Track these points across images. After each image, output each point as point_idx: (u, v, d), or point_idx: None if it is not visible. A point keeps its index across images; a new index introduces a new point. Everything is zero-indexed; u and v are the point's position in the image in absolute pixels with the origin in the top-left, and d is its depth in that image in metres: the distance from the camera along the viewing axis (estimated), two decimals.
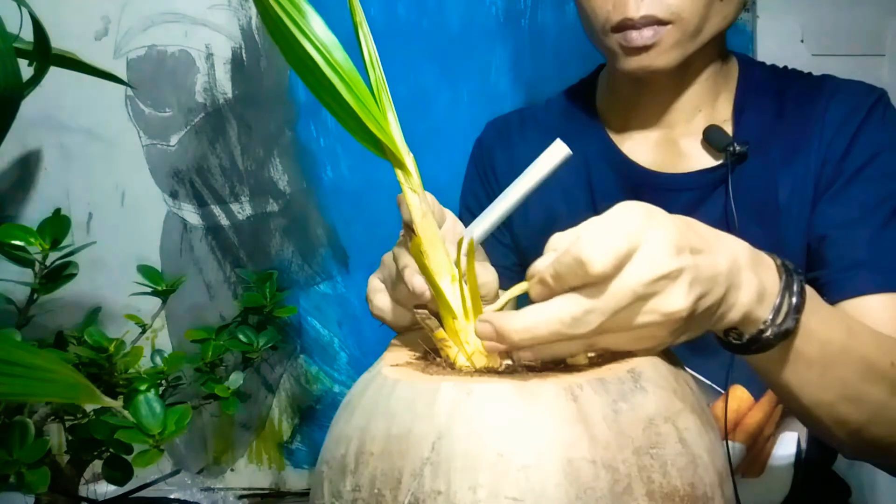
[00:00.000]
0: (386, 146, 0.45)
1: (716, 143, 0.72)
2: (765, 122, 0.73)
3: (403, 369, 0.43)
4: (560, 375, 0.40)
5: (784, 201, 0.70)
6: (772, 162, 0.71)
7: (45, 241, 0.78)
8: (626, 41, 0.66)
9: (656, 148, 0.76)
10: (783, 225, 0.70)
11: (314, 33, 0.42)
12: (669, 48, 0.66)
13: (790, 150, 0.71)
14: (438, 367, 0.44)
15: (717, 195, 0.72)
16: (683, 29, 0.65)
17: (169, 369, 0.80)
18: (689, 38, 0.66)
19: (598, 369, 0.41)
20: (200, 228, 1.09)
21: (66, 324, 0.87)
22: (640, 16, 0.64)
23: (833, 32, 1.05)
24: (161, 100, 1.07)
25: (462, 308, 0.44)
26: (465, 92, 1.07)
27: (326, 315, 1.11)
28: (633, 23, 0.65)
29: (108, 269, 1.07)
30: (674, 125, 0.75)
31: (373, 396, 0.41)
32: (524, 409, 0.37)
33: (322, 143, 1.08)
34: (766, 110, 0.73)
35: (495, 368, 0.44)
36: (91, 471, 0.78)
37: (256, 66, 1.07)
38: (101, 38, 1.05)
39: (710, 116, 0.74)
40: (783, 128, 0.72)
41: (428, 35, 1.06)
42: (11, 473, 0.62)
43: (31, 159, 1.07)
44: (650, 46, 0.65)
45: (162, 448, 0.66)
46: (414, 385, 0.40)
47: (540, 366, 0.43)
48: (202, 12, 1.05)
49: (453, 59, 1.06)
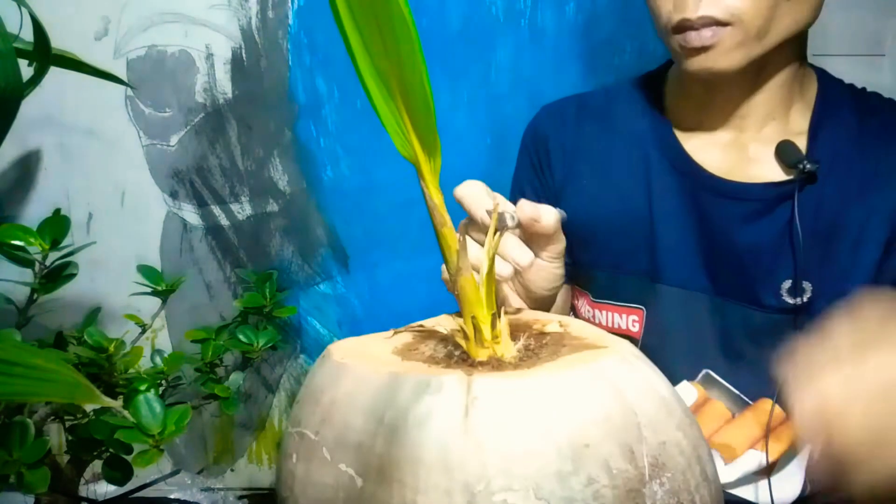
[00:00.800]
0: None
1: (787, 157, 0.70)
2: (842, 145, 0.70)
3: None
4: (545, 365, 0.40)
5: (854, 231, 0.68)
6: (845, 188, 0.69)
7: (45, 241, 0.78)
8: (685, 42, 0.65)
9: (724, 152, 0.74)
10: (849, 255, 0.68)
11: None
12: (730, 49, 0.64)
13: (866, 182, 0.69)
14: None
15: (781, 210, 0.69)
16: (745, 30, 0.64)
17: (169, 369, 0.80)
18: (752, 40, 0.64)
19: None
20: (200, 228, 1.09)
21: (66, 324, 0.87)
22: (698, 16, 0.63)
23: (833, 32, 1.05)
24: (161, 100, 1.07)
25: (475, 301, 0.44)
26: (465, 92, 1.07)
27: (326, 315, 1.11)
28: (691, 23, 0.64)
29: (108, 269, 1.07)
30: (744, 130, 0.73)
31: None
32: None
33: (322, 144, 1.08)
34: (845, 132, 0.71)
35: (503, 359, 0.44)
36: (91, 471, 0.78)
37: (256, 66, 1.07)
38: (101, 38, 1.05)
39: (784, 126, 0.72)
40: (861, 155, 0.69)
41: (428, 35, 1.06)
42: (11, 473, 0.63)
43: (31, 159, 1.07)
44: (709, 47, 0.64)
45: (162, 448, 0.66)
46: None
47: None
48: (202, 12, 1.05)
49: (453, 59, 1.06)
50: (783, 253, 0.69)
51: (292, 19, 1.06)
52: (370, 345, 0.48)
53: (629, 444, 0.37)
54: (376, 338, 0.49)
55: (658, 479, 0.37)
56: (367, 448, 0.38)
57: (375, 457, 0.38)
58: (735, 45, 0.64)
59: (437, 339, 0.47)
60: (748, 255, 0.71)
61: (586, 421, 0.37)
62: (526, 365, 0.42)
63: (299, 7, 1.05)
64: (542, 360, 0.42)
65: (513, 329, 0.47)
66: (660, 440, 0.38)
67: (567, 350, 0.43)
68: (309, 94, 1.07)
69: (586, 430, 0.36)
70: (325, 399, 0.42)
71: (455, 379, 0.38)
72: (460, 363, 0.43)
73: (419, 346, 0.47)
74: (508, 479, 0.35)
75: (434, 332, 0.49)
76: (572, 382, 0.38)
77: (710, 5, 0.63)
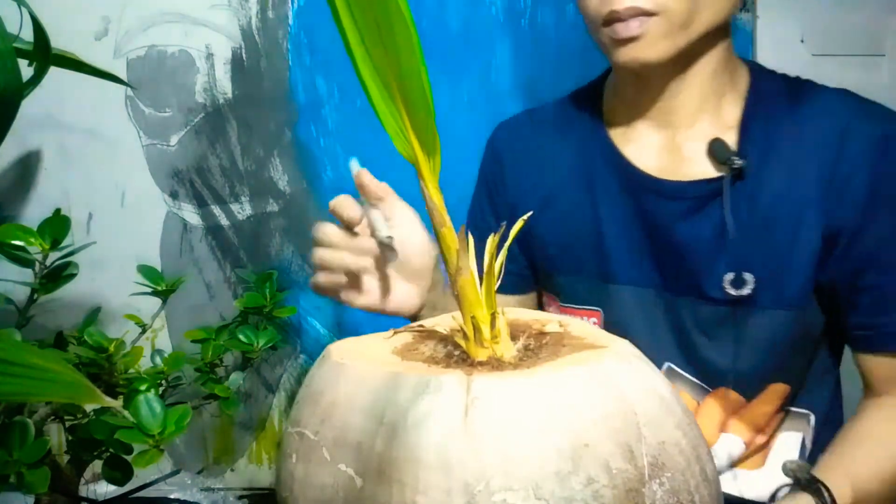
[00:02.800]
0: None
1: (718, 154, 0.71)
2: (775, 135, 0.71)
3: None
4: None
5: (789, 220, 0.70)
6: (779, 178, 0.70)
7: (45, 242, 0.77)
8: (614, 34, 0.67)
9: (659, 152, 0.76)
10: (786, 244, 0.70)
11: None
12: (657, 40, 0.66)
13: (800, 171, 0.70)
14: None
15: (715, 205, 0.71)
16: (670, 20, 0.65)
17: (169, 369, 0.80)
18: (678, 30, 0.66)
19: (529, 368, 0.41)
20: (200, 228, 1.09)
21: (66, 324, 0.87)
22: (625, 7, 0.65)
23: (833, 32, 1.05)
24: (161, 100, 1.07)
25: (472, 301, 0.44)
26: (465, 92, 1.07)
27: (326, 315, 1.11)
28: (619, 15, 0.66)
29: (108, 269, 1.07)
30: (677, 127, 0.74)
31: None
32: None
33: (322, 144, 1.08)
34: (778, 123, 0.72)
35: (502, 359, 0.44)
36: (91, 471, 0.78)
37: (256, 66, 1.07)
38: (101, 38, 1.05)
39: (715, 120, 0.74)
40: (795, 145, 0.71)
41: (428, 35, 1.06)
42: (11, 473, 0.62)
43: (31, 159, 1.07)
44: (637, 38, 0.66)
45: (162, 448, 0.66)
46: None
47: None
48: (202, 12, 1.05)
49: (453, 59, 1.06)
50: (723, 246, 0.71)
51: (292, 19, 1.06)
52: (370, 345, 0.48)
53: (629, 444, 0.37)
54: (376, 338, 0.49)
55: (658, 479, 0.37)
56: (366, 448, 0.38)
57: (375, 457, 0.38)
58: (661, 35, 0.66)
59: (437, 339, 0.47)
60: (690, 251, 0.73)
61: (586, 421, 0.37)
62: (525, 365, 0.42)
63: (299, 7, 1.05)
64: (542, 360, 0.42)
65: (513, 329, 0.47)
66: (660, 440, 0.38)
67: (567, 350, 0.43)
68: (309, 94, 1.07)
69: (586, 430, 0.36)
70: (325, 399, 0.42)
71: (454, 379, 0.38)
72: (460, 363, 0.43)
73: (419, 346, 0.47)
74: (508, 479, 0.35)
75: (434, 332, 0.49)
76: (572, 382, 0.38)
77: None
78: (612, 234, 0.77)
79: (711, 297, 0.72)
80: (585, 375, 0.39)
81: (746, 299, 0.71)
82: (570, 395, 0.37)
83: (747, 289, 0.71)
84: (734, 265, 0.71)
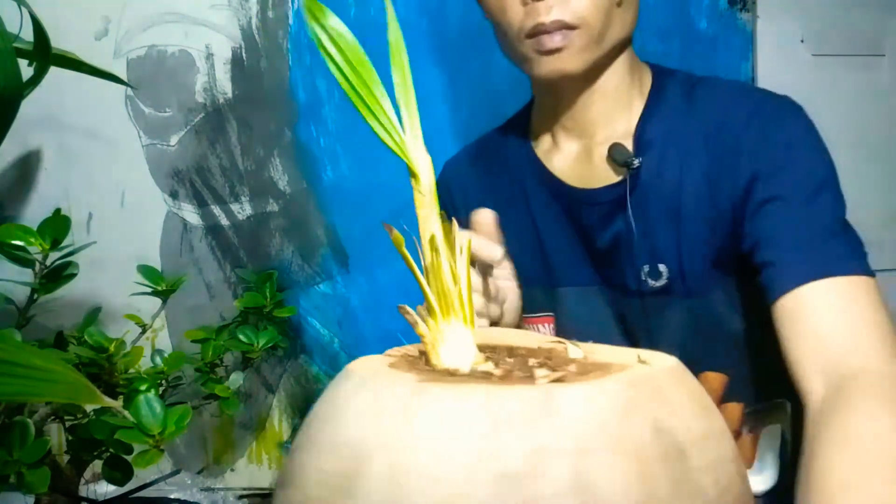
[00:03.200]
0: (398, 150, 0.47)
1: (617, 159, 0.76)
2: (668, 131, 0.76)
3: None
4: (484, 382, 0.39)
5: (686, 205, 0.74)
6: (673, 168, 0.75)
7: (45, 241, 0.78)
8: (539, 45, 0.71)
9: (575, 162, 0.81)
10: (687, 229, 0.75)
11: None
12: (578, 51, 0.71)
13: (688, 154, 0.75)
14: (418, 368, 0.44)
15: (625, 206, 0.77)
16: (589, 33, 0.71)
17: (169, 369, 0.80)
18: (594, 43, 0.71)
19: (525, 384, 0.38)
20: (200, 228, 1.09)
21: (66, 324, 0.87)
22: (551, 20, 0.69)
23: (833, 32, 1.05)
24: (161, 100, 1.07)
25: (443, 306, 0.44)
26: (465, 92, 1.07)
27: (326, 315, 1.11)
28: (545, 27, 0.70)
29: (108, 269, 1.07)
30: (591, 136, 0.79)
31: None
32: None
33: (322, 144, 1.08)
34: (675, 117, 0.77)
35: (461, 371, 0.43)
36: (91, 471, 0.78)
37: (256, 66, 1.07)
38: (101, 38, 1.05)
39: (625, 127, 0.78)
40: (690, 135, 0.75)
41: (428, 35, 1.06)
42: (11, 473, 0.63)
43: (31, 159, 1.07)
44: (561, 49, 0.71)
45: (162, 448, 0.66)
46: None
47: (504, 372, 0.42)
48: (202, 12, 1.05)
49: (453, 59, 1.06)
50: (636, 242, 0.77)
51: (292, 19, 1.06)
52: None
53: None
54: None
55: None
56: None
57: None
58: (582, 48, 0.71)
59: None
60: (612, 249, 0.79)
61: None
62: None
63: (299, 7, 1.05)
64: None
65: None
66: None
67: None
68: (309, 94, 1.07)
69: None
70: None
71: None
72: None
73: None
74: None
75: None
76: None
77: (560, 10, 0.69)
78: (550, 242, 0.83)
79: (635, 289, 0.78)
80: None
81: (663, 289, 0.76)
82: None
83: (663, 279, 0.76)
84: (648, 258, 0.76)
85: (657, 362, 0.43)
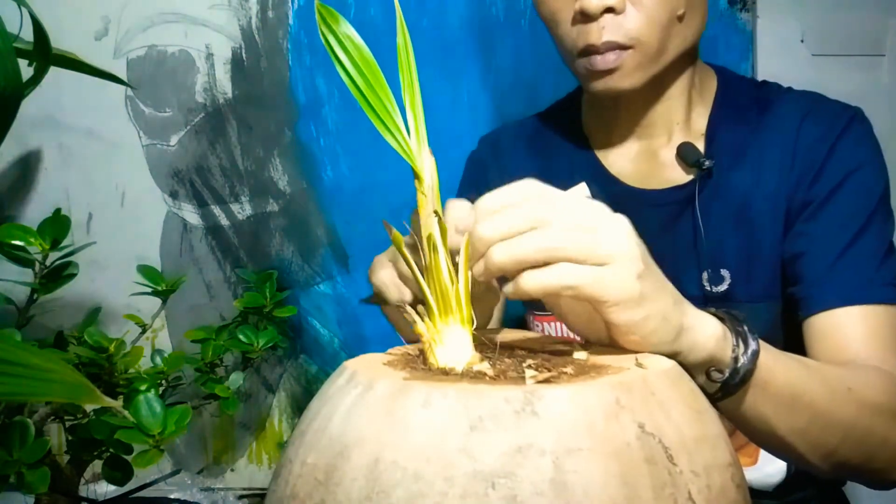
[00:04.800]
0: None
1: (687, 159, 0.75)
2: (740, 136, 0.75)
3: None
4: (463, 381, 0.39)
5: (756, 214, 0.73)
6: (746, 175, 0.74)
7: (45, 242, 0.77)
8: (590, 65, 0.69)
9: (636, 161, 0.78)
10: (756, 237, 0.73)
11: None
12: (632, 71, 0.69)
13: (764, 164, 0.74)
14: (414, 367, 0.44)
15: (691, 209, 0.74)
16: (644, 52, 0.68)
17: (169, 369, 0.80)
18: (650, 61, 0.69)
19: (509, 385, 0.39)
20: (200, 228, 1.09)
21: (66, 324, 0.87)
22: (603, 42, 0.67)
23: (833, 32, 1.05)
24: (161, 100, 1.07)
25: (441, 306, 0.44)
26: (465, 92, 1.07)
27: (326, 315, 1.11)
28: (596, 48, 0.68)
29: (108, 269, 1.07)
30: (653, 137, 0.77)
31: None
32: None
33: (322, 143, 1.08)
34: (742, 124, 0.75)
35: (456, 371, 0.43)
36: (91, 471, 0.78)
37: (256, 66, 1.07)
38: (101, 38, 1.05)
39: (687, 130, 0.77)
40: (758, 142, 0.74)
41: (428, 35, 1.06)
42: (11, 473, 0.63)
43: (32, 159, 1.07)
44: (613, 70, 0.69)
45: (162, 448, 0.66)
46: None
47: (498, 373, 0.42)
48: (202, 12, 1.05)
49: (453, 59, 1.06)
50: (699, 246, 0.75)
51: (292, 19, 1.06)
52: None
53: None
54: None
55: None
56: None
57: None
58: (636, 67, 0.69)
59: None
60: (671, 253, 0.75)
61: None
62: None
63: (299, 7, 1.05)
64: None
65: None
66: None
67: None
68: (309, 94, 1.07)
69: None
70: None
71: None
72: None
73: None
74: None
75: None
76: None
77: (612, 31, 0.67)
78: None
79: (692, 294, 0.75)
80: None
81: (724, 295, 0.74)
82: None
83: (724, 285, 0.74)
84: (710, 263, 0.74)
85: (653, 365, 0.43)
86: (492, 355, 0.45)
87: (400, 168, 0.49)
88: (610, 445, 0.36)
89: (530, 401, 0.36)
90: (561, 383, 0.39)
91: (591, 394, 0.37)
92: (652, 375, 0.41)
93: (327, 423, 0.39)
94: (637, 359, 0.44)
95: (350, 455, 0.37)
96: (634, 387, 0.39)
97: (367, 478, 0.36)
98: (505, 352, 0.47)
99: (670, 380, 0.41)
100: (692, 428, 0.39)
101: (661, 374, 0.41)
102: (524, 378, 0.40)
